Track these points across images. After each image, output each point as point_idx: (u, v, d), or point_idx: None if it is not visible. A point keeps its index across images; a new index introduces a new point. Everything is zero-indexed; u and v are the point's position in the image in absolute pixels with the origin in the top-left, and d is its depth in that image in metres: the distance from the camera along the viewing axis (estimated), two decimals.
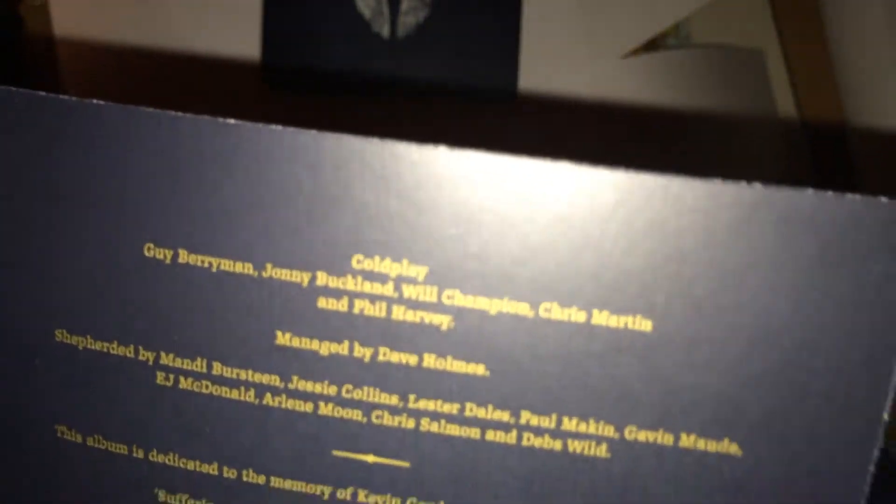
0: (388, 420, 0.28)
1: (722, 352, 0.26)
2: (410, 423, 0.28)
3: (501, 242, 0.26)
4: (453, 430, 0.28)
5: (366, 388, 0.28)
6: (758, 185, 0.25)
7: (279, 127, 0.26)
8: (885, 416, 0.27)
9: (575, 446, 0.28)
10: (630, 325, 0.27)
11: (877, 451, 0.27)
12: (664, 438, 0.27)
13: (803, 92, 0.62)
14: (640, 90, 0.57)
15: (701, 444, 0.27)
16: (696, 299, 0.26)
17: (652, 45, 0.61)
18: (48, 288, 0.29)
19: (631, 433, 0.27)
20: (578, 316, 0.27)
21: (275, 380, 0.28)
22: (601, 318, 0.27)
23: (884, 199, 0.25)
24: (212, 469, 0.30)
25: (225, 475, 0.29)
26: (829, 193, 0.25)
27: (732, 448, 0.27)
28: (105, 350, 0.29)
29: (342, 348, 0.28)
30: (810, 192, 0.25)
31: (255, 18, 0.59)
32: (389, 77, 0.57)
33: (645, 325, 0.26)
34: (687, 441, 0.27)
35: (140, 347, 0.29)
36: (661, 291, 0.26)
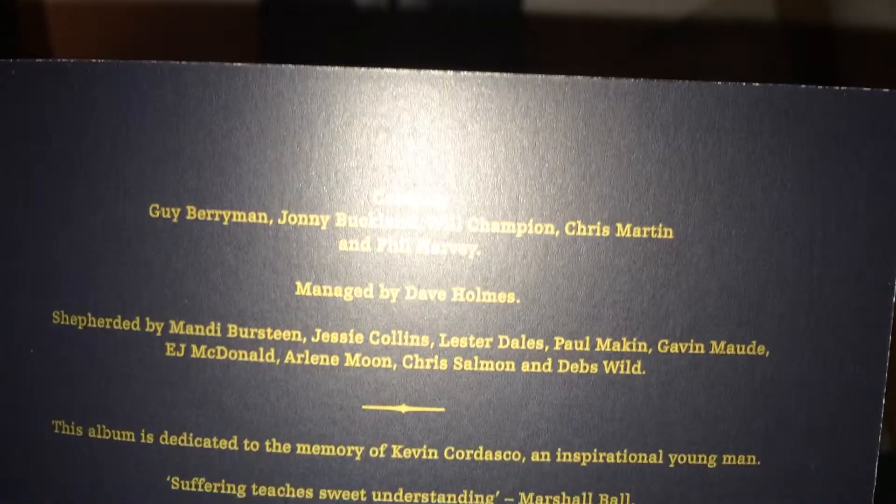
0: (419, 364, 0.27)
1: (742, 252, 0.27)
2: (443, 365, 0.27)
3: (518, 166, 0.27)
4: (487, 366, 0.27)
5: (394, 332, 0.27)
6: (755, 85, 0.27)
7: (288, 66, 0.26)
8: (895, 300, 0.28)
9: (611, 367, 0.27)
10: (653, 235, 0.27)
11: (889, 337, 0.28)
12: (696, 348, 0.28)
13: None
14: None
15: (731, 349, 0.28)
16: (712, 202, 0.27)
17: None
18: (45, 265, 0.27)
19: (664, 347, 0.28)
20: (603, 231, 0.27)
21: (296, 335, 0.27)
22: (625, 230, 0.27)
23: (873, 90, 0.27)
24: (231, 444, 0.28)
25: (246, 449, 0.28)
26: (823, 88, 0.27)
27: (760, 349, 0.28)
28: (108, 326, 0.27)
29: (367, 292, 0.27)
30: (804, 88, 0.27)
31: None
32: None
33: (667, 232, 0.27)
34: (717, 348, 0.28)
35: (147, 319, 0.27)
36: (678, 198, 0.27)
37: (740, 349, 0.28)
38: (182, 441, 0.28)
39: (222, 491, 0.28)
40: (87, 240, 0.27)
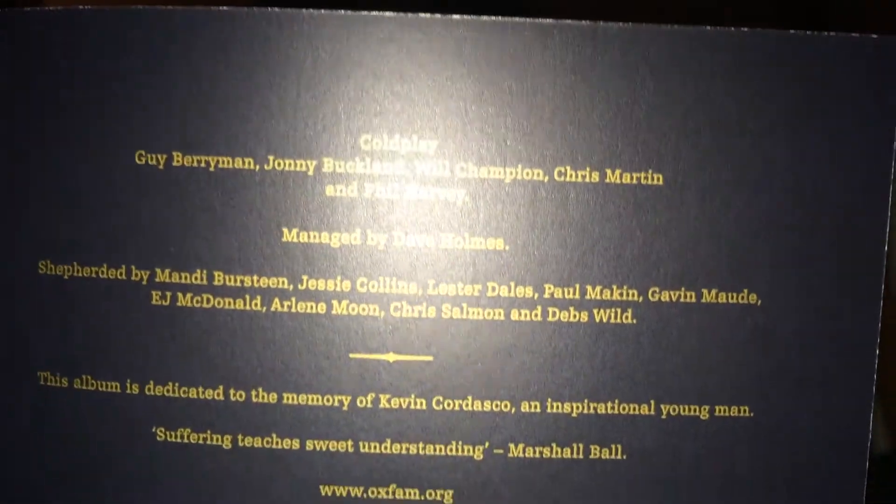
0: (407, 311, 0.27)
1: (732, 198, 0.27)
2: (431, 312, 0.27)
3: (506, 111, 0.26)
4: (476, 313, 0.27)
5: (382, 279, 0.27)
6: (745, 30, 0.27)
7: (274, 9, 0.26)
8: (886, 248, 0.27)
9: (601, 315, 0.27)
10: (643, 181, 0.27)
11: (882, 284, 0.28)
12: (687, 296, 0.27)
13: None
14: None
15: (722, 298, 0.27)
16: (702, 148, 0.27)
17: None
18: (30, 214, 0.27)
19: (654, 295, 0.27)
20: (592, 176, 0.27)
21: (283, 282, 0.27)
22: (614, 176, 0.27)
23: (862, 36, 0.27)
24: (217, 394, 0.27)
25: (232, 399, 0.27)
26: (813, 33, 0.27)
27: (752, 298, 0.27)
28: (93, 275, 0.27)
29: (354, 238, 0.27)
30: (794, 33, 0.27)
31: None
32: None
33: (657, 178, 0.27)
34: (709, 296, 0.27)
35: (132, 267, 0.27)
36: (668, 144, 0.27)
37: (732, 297, 0.27)
38: (167, 391, 0.27)
39: (208, 442, 0.27)
40: (72, 188, 0.27)
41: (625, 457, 0.28)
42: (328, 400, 0.27)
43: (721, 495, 0.28)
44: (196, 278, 0.27)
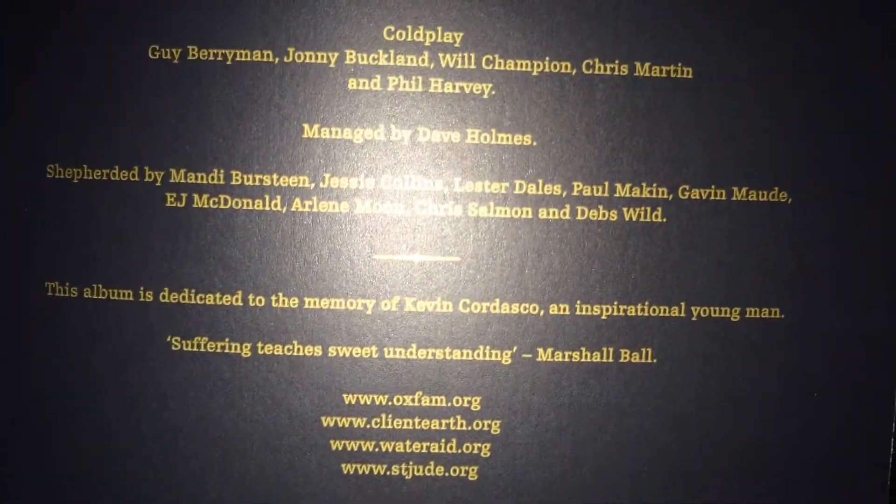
0: (432, 210, 0.26)
1: (763, 93, 0.26)
2: (457, 211, 0.26)
3: (534, 1, 0.26)
4: (503, 212, 0.26)
5: (406, 177, 0.26)
6: None
7: None
8: None
9: (631, 214, 0.27)
10: (672, 74, 0.26)
11: None
12: (717, 194, 0.27)
13: None
14: None
15: (753, 196, 0.27)
16: (732, 40, 0.26)
17: None
18: (38, 116, 0.26)
19: (684, 193, 0.27)
20: (622, 69, 0.26)
21: (304, 181, 0.26)
22: (643, 69, 0.26)
23: None
24: (235, 300, 0.26)
25: (251, 304, 0.26)
26: None
27: (782, 196, 0.27)
28: (104, 178, 0.26)
29: (378, 133, 0.26)
30: None
31: None
32: None
33: (686, 72, 0.26)
34: (739, 194, 0.27)
35: (146, 168, 0.26)
36: (698, 36, 0.26)
37: (762, 196, 0.27)
38: (183, 298, 0.26)
39: (226, 350, 0.26)
40: (82, 86, 0.26)
41: (655, 360, 0.27)
42: (351, 304, 0.26)
43: (752, 399, 0.27)
44: (212, 178, 0.26)
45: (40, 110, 0.26)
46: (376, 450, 0.27)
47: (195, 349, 0.26)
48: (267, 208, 0.26)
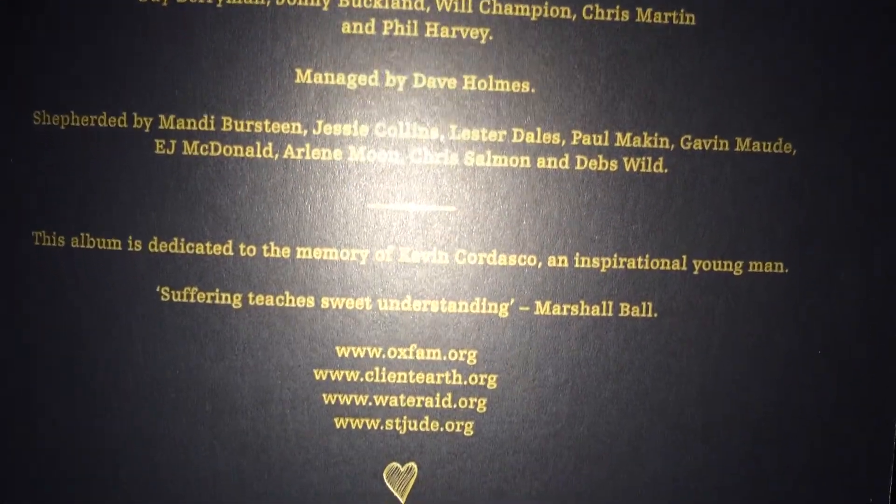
0: (428, 158, 0.26)
1: (767, 41, 0.26)
2: (454, 160, 0.26)
3: None
4: (501, 161, 0.26)
5: (401, 123, 0.25)
6: None
7: None
8: None
9: (631, 164, 0.26)
10: (675, 21, 0.26)
11: None
12: (720, 145, 0.26)
13: None
14: None
15: (756, 147, 0.26)
16: None
17: None
18: (22, 61, 0.25)
19: (686, 143, 0.26)
20: (623, 15, 0.25)
21: (296, 127, 0.25)
22: (645, 15, 0.25)
23: None
24: (225, 249, 0.26)
25: (242, 254, 0.26)
26: None
27: (786, 147, 0.26)
28: (92, 125, 0.25)
29: (372, 79, 0.25)
30: None
31: None
32: None
33: (689, 18, 0.26)
34: (742, 145, 0.26)
35: (134, 114, 0.25)
36: None
37: (766, 147, 0.26)
38: (173, 248, 0.26)
39: (216, 301, 0.26)
40: (69, 30, 0.25)
41: (656, 315, 0.26)
42: (345, 254, 0.26)
43: (754, 355, 0.26)
44: (203, 124, 0.25)
45: (27, 55, 0.25)
46: (370, 404, 0.26)
47: (184, 300, 0.26)
48: (258, 155, 0.25)
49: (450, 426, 0.26)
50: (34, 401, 0.26)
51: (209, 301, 0.26)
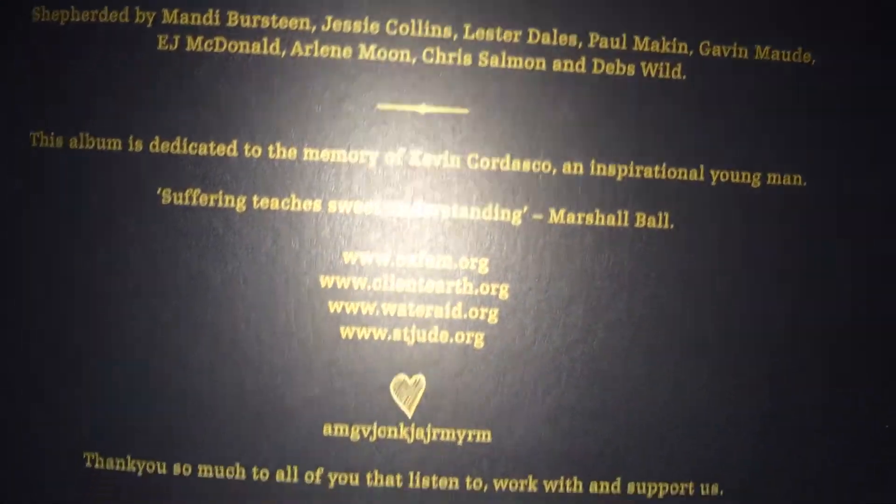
0: (441, 58, 0.25)
1: None
2: (467, 60, 0.25)
3: None
4: (516, 62, 0.25)
5: (414, 21, 0.25)
6: None
7: None
8: None
9: (649, 70, 0.25)
10: None
11: None
12: (739, 52, 0.25)
13: None
14: None
15: (776, 55, 0.26)
16: None
17: None
18: None
19: (705, 49, 0.25)
20: None
21: (305, 23, 0.24)
22: None
23: None
24: (230, 150, 0.25)
25: (246, 155, 0.25)
26: None
27: (806, 57, 0.26)
28: (92, 20, 0.24)
29: None
30: None
31: None
32: None
33: None
34: (762, 53, 0.25)
35: (136, 8, 0.24)
36: None
37: (785, 56, 0.26)
38: (174, 148, 0.25)
39: (220, 204, 0.25)
40: None
41: (672, 226, 0.26)
42: (353, 156, 0.25)
43: (772, 268, 0.26)
44: (207, 19, 0.24)
45: None
46: (377, 313, 0.25)
47: (186, 202, 0.25)
48: (265, 52, 0.25)
49: (459, 337, 0.25)
50: (29, 304, 0.25)
51: (212, 204, 0.25)
